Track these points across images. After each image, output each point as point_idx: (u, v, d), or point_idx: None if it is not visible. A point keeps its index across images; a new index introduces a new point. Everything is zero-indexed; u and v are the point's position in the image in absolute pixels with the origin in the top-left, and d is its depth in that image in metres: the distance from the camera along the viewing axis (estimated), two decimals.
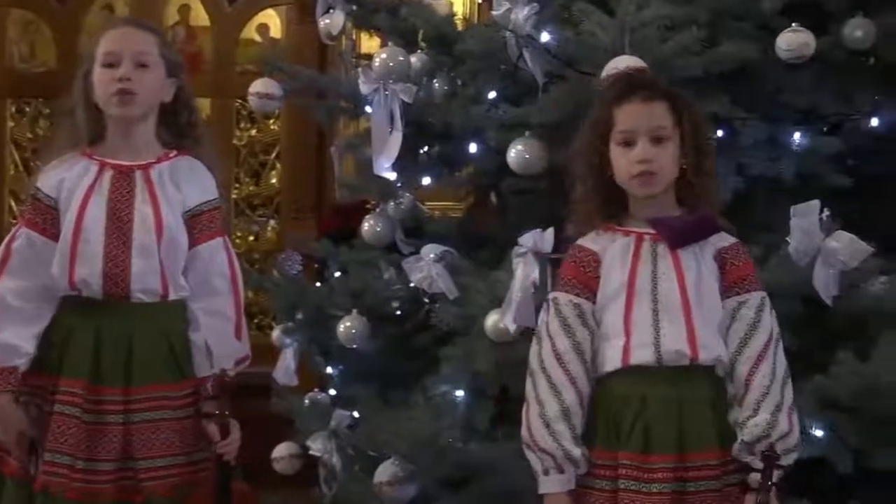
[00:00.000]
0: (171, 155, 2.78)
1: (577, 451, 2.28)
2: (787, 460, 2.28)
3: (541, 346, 2.35)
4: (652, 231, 2.32)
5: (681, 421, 2.24)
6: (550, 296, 2.39)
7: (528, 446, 2.34)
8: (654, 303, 2.27)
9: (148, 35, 2.76)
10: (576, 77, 3.10)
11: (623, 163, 2.32)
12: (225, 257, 2.79)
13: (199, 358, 2.71)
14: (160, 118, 2.78)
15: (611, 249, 2.34)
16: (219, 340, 2.71)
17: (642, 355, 2.26)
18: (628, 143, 2.31)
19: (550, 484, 2.31)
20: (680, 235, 2.31)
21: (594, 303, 2.32)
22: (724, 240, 2.36)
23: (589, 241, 2.38)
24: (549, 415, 2.28)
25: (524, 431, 2.34)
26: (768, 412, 2.23)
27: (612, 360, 2.29)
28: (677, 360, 2.25)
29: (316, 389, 3.76)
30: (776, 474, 2.20)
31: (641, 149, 2.30)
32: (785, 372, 2.31)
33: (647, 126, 2.30)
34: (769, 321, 2.32)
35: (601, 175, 2.35)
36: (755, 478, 2.21)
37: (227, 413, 2.67)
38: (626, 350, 2.27)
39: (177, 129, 2.81)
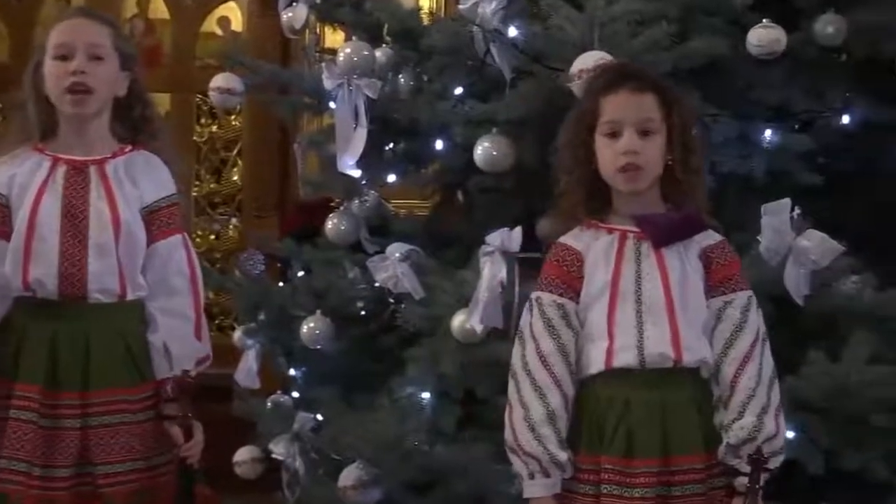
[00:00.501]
0: (127, 150, 2.76)
1: (563, 455, 2.28)
2: (774, 463, 2.29)
3: (524, 347, 2.34)
4: (636, 229, 2.32)
5: (665, 424, 2.24)
6: (534, 296, 2.38)
7: (512, 450, 2.34)
8: (638, 304, 2.27)
9: (101, 26, 2.73)
10: (544, 73, 3.11)
11: (608, 154, 2.31)
12: (184, 255, 2.77)
13: (158, 359, 2.69)
14: (114, 112, 2.76)
15: (594, 248, 2.34)
16: (178, 341, 2.69)
17: (625, 358, 2.26)
18: (614, 135, 2.31)
19: (536, 488, 2.31)
20: (665, 234, 2.31)
21: (578, 303, 2.32)
22: (709, 238, 2.36)
23: (572, 239, 2.37)
24: (534, 418, 2.28)
25: (508, 435, 2.34)
26: (754, 415, 2.24)
27: (595, 363, 2.29)
28: (661, 362, 2.25)
29: (279, 392, 3.75)
30: (763, 477, 2.21)
31: (628, 140, 2.29)
32: (772, 373, 2.32)
33: (634, 117, 2.30)
34: (756, 321, 2.32)
35: (586, 167, 2.35)
36: (742, 481, 2.22)
37: (189, 415, 2.66)
38: (609, 352, 2.27)
39: (131, 124, 2.79)
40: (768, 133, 3.17)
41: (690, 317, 2.28)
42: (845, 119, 3.29)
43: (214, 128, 6.23)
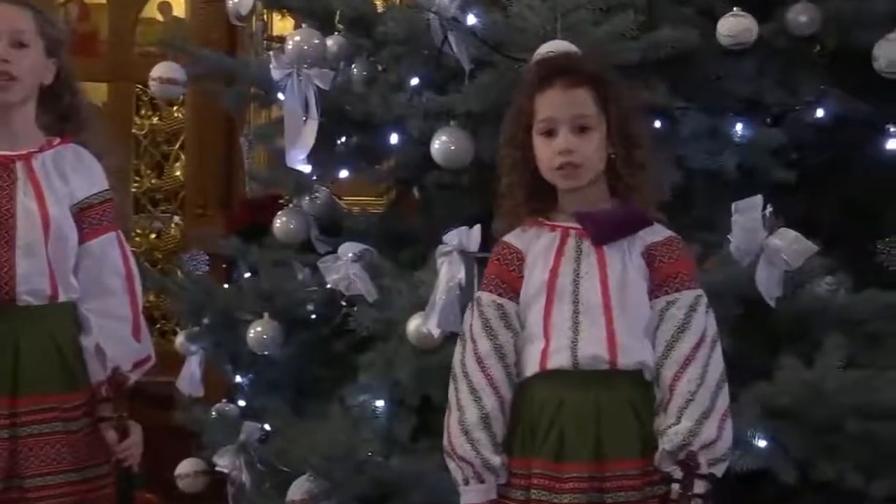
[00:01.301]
0: (55, 143, 2.73)
1: (496, 460, 2.30)
2: (716, 470, 2.29)
3: (463, 348, 2.37)
4: (578, 226, 2.34)
5: (598, 428, 2.26)
6: (475, 295, 2.41)
7: (447, 454, 2.36)
8: (575, 304, 2.29)
9: (24, 11, 2.69)
10: (504, 63, 3.12)
11: (545, 154, 2.34)
12: (118, 253, 2.75)
13: (93, 364, 2.66)
14: (40, 102, 2.72)
15: (535, 246, 2.36)
16: (114, 342, 2.66)
17: (559, 359, 2.28)
18: (550, 134, 2.33)
19: (471, 494, 2.33)
20: (604, 230, 2.33)
21: (518, 303, 2.34)
22: (655, 234, 2.37)
23: (514, 238, 2.40)
24: (468, 421, 2.30)
25: (444, 439, 2.36)
26: (692, 420, 2.25)
27: (531, 364, 2.31)
28: (595, 364, 2.27)
29: (224, 400, 3.73)
30: (699, 484, 2.22)
31: (563, 139, 2.31)
32: (720, 376, 2.32)
33: (568, 114, 2.32)
34: (701, 322, 2.33)
35: (526, 167, 2.37)
36: (676, 488, 2.23)
37: (124, 415, 2.63)
38: (544, 354, 2.29)
39: (58, 114, 2.75)
40: (739, 127, 3.20)
41: (630, 318, 2.29)
42: (819, 112, 3.32)
43: (155, 120, 6.21)
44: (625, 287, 2.31)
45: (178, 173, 6.19)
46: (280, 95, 3.46)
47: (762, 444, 2.82)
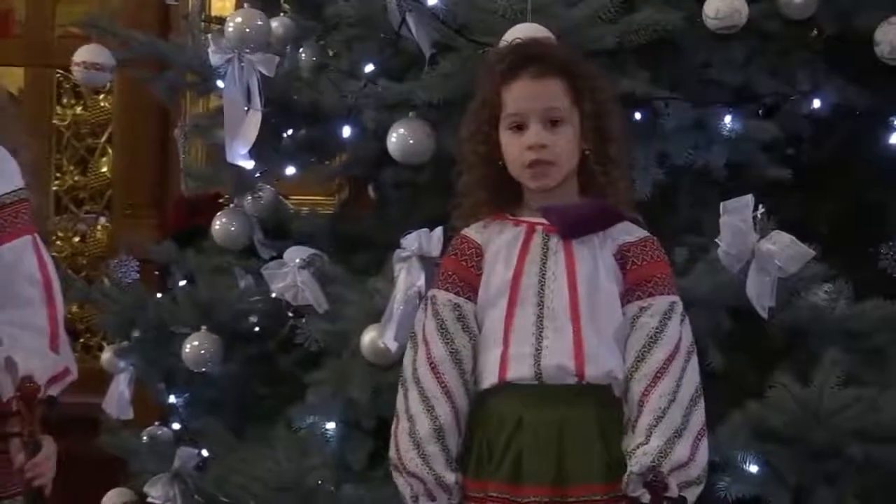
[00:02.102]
0: None
1: (450, 477, 2.31)
2: (688, 494, 2.30)
3: (415, 352, 2.37)
4: (545, 222, 2.36)
5: (561, 448, 2.27)
6: (429, 293, 2.42)
7: (395, 468, 2.36)
8: (539, 307, 2.30)
9: None
10: (469, 48, 3.14)
11: (514, 150, 2.35)
12: (34, 259, 2.73)
13: (3, 379, 2.65)
14: None
15: (496, 241, 2.37)
16: (27, 355, 2.64)
17: (520, 370, 2.29)
18: (519, 128, 2.34)
19: None
20: (573, 224, 2.34)
21: (475, 303, 2.35)
22: (628, 234, 2.39)
23: (473, 231, 2.41)
24: (420, 433, 2.31)
25: (392, 451, 2.36)
26: (662, 439, 2.26)
27: (489, 374, 2.32)
28: (560, 376, 2.28)
29: (156, 423, 3.73)
30: None
31: (534, 134, 2.33)
32: (694, 391, 2.33)
33: (539, 107, 2.33)
34: (675, 332, 2.34)
35: (490, 164, 2.38)
36: None
37: (34, 430, 2.61)
38: (502, 362, 2.30)
39: None
40: (728, 119, 3.22)
41: (599, 324, 2.31)
42: (816, 103, 3.35)
43: (79, 110, 6.16)
44: (595, 290, 2.32)
45: (104, 169, 6.16)
46: (219, 83, 3.46)
47: (754, 469, 2.85)
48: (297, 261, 3.22)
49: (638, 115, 3.16)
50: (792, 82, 3.32)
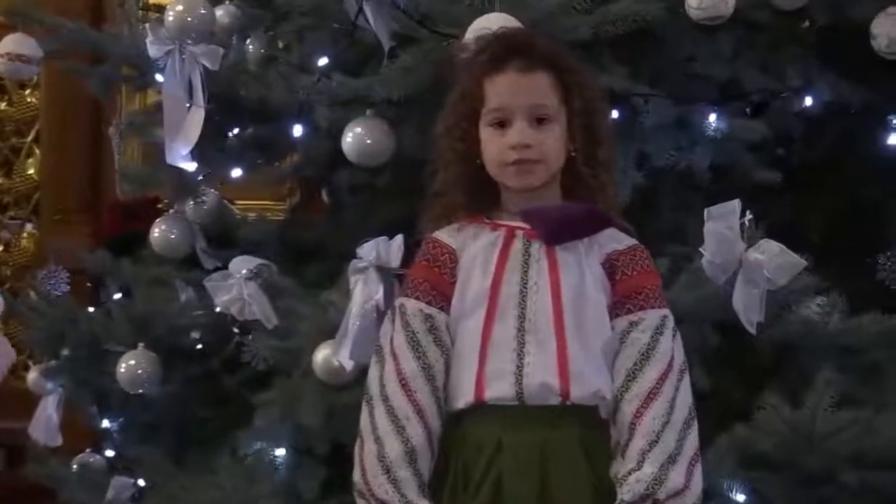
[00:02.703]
0: None
1: None
2: None
3: (382, 366, 2.36)
4: (526, 226, 2.36)
5: (544, 470, 2.28)
6: (397, 303, 2.41)
7: (361, 494, 2.35)
8: (521, 320, 2.30)
9: None
10: (431, 40, 3.14)
11: (495, 149, 2.35)
12: None
13: None
14: None
15: (472, 246, 2.37)
16: None
17: (499, 388, 2.29)
18: (502, 125, 2.35)
19: None
20: (558, 228, 2.34)
21: (448, 313, 2.35)
22: (617, 241, 2.40)
23: (446, 234, 2.40)
24: (390, 456, 2.30)
25: (356, 475, 2.34)
26: (656, 465, 2.26)
27: (464, 393, 2.31)
28: (543, 396, 2.28)
29: (88, 450, 3.71)
30: None
31: (518, 132, 2.33)
32: (688, 413, 2.34)
33: (525, 103, 2.34)
34: (668, 348, 2.35)
35: (468, 162, 2.38)
36: None
37: None
38: (479, 381, 2.30)
39: None
40: (713, 118, 3.24)
41: (586, 339, 2.31)
42: (808, 100, 3.38)
43: (3, 106, 6.15)
44: (581, 301, 2.32)
45: (31, 171, 6.14)
46: (158, 77, 3.45)
47: (741, 498, 2.85)
48: (244, 272, 3.21)
49: (615, 113, 3.17)
50: (782, 78, 3.34)
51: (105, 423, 3.70)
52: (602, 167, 2.40)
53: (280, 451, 3.17)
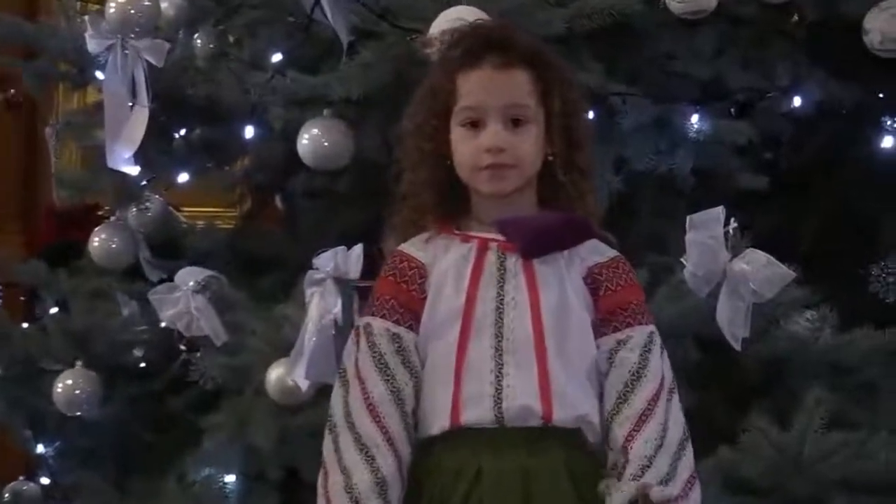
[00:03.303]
0: None
1: None
2: None
3: (347, 391, 2.36)
4: (500, 237, 2.36)
5: (527, 494, 2.28)
6: (362, 321, 2.40)
7: None
8: (498, 339, 2.30)
9: None
10: (393, 35, 3.15)
11: (467, 150, 2.35)
12: None
13: None
14: None
15: (443, 260, 2.36)
16: None
17: (477, 412, 2.29)
18: (475, 125, 2.35)
19: None
20: (536, 239, 2.35)
21: (417, 332, 2.34)
22: (598, 254, 2.40)
23: (414, 247, 2.39)
24: (359, 488, 2.29)
25: None
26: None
27: (438, 419, 2.31)
28: (524, 418, 2.28)
29: (21, 478, 3.70)
30: None
31: (493, 133, 2.32)
32: (682, 434, 2.34)
33: (500, 102, 2.33)
34: (658, 367, 2.36)
35: (438, 164, 2.37)
36: None
37: None
38: (455, 404, 2.30)
39: None
40: (695, 118, 3.27)
41: (569, 358, 2.31)
42: (797, 100, 3.41)
43: None
44: (563, 317, 2.32)
45: None
46: (98, 74, 3.45)
47: None
48: (191, 284, 3.21)
49: (591, 114, 3.19)
50: (769, 76, 3.37)
51: (40, 448, 3.68)
52: (581, 173, 2.40)
53: (230, 478, 3.17)
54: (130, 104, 3.35)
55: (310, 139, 3.25)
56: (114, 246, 3.66)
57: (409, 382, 2.33)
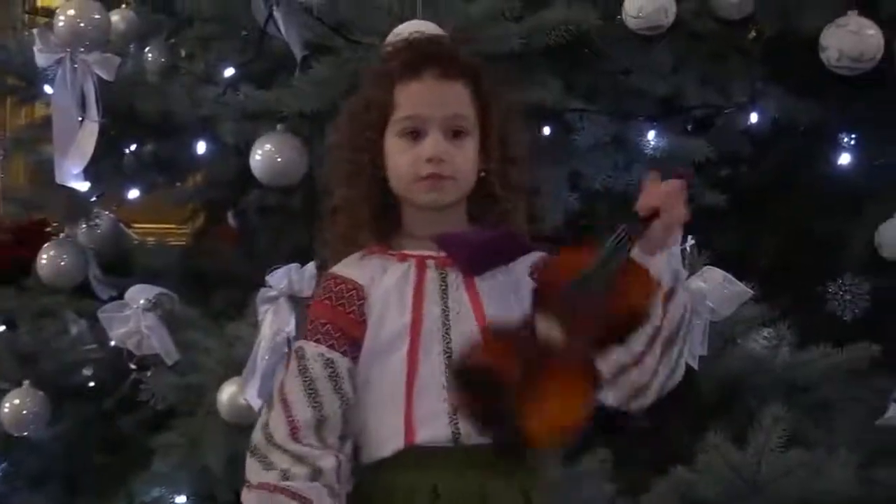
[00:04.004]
0: None
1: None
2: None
3: (271, 415, 2.35)
4: (437, 254, 2.36)
5: None
6: (295, 345, 2.40)
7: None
8: (447, 355, 2.30)
9: None
10: (348, 49, 3.16)
11: (405, 161, 2.34)
12: None
13: None
14: None
15: (382, 282, 2.36)
16: None
17: (433, 430, 2.28)
18: (415, 135, 2.35)
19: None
20: (478, 257, 2.34)
21: (355, 358, 2.34)
22: (535, 256, 2.42)
23: (349, 268, 2.39)
24: (297, 476, 2.29)
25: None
26: None
27: (390, 439, 2.30)
28: (480, 435, 2.29)
29: None
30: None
31: (433, 144, 2.32)
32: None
33: (441, 113, 2.33)
34: None
35: (373, 177, 2.37)
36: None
37: None
38: (409, 423, 2.29)
39: None
40: (651, 135, 3.28)
41: None
42: (754, 117, 3.43)
43: None
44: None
45: None
46: (47, 88, 3.44)
47: None
48: (142, 302, 3.21)
49: (548, 130, 3.21)
50: (726, 92, 3.39)
51: None
52: (514, 190, 2.41)
53: (181, 499, 3.17)
54: (80, 119, 3.34)
55: (263, 155, 3.24)
56: (63, 263, 3.64)
57: (337, 411, 2.32)
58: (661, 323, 2.19)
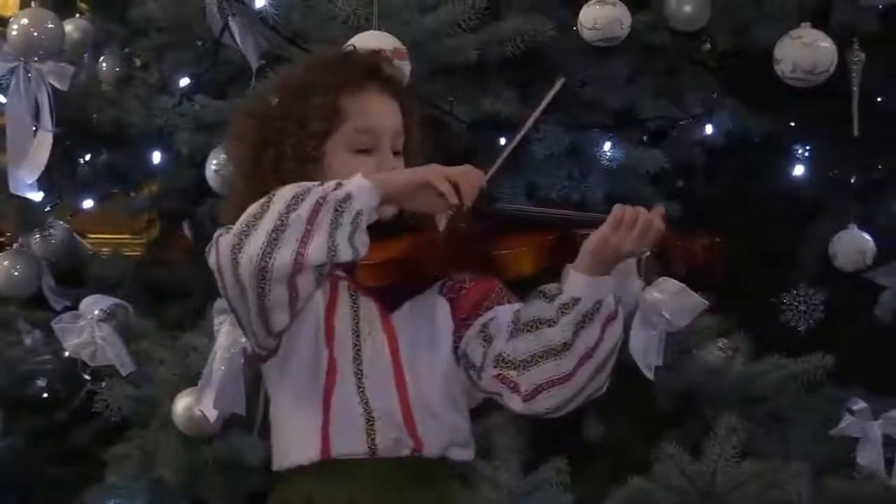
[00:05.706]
0: None
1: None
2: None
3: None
4: (344, 274, 2.33)
5: None
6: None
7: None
8: (359, 377, 2.28)
9: None
10: (304, 59, 3.16)
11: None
12: None
13: None
14: None
15: None
16: None
17: (350, 443, 2.26)
18: (367, 151, 2.32)
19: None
20: (393, 294, 2.32)
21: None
22: None
23: None
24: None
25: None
26: None
27: (305, 448, 2.29)
28: (397, 448, 2.28)
29: None
30: None
31: (391, 160, 2.31)
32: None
33: (392, 128, 2.32)
34: None
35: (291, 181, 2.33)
36: None
37: None
38: (325, 435, 2.27)
39: None
40: (607, 146, 3.29)
41: (430, 383, 2.29)
42: (709, 129, 3.45)
43: None
44: (421, 339, 2.32)
45: None
46: (0, 97, 3.43)
47: None
48: (96, 312, 3.20)
49: (503, 141, 3.21)
50: (681, 104, 3.41)
51: None
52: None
53: None
54: (34, 128, 3.33)
55: (218, 165, 3.24)
56: (16, 273, 3.62)
57: None
58: (595, 346, 2.21)
